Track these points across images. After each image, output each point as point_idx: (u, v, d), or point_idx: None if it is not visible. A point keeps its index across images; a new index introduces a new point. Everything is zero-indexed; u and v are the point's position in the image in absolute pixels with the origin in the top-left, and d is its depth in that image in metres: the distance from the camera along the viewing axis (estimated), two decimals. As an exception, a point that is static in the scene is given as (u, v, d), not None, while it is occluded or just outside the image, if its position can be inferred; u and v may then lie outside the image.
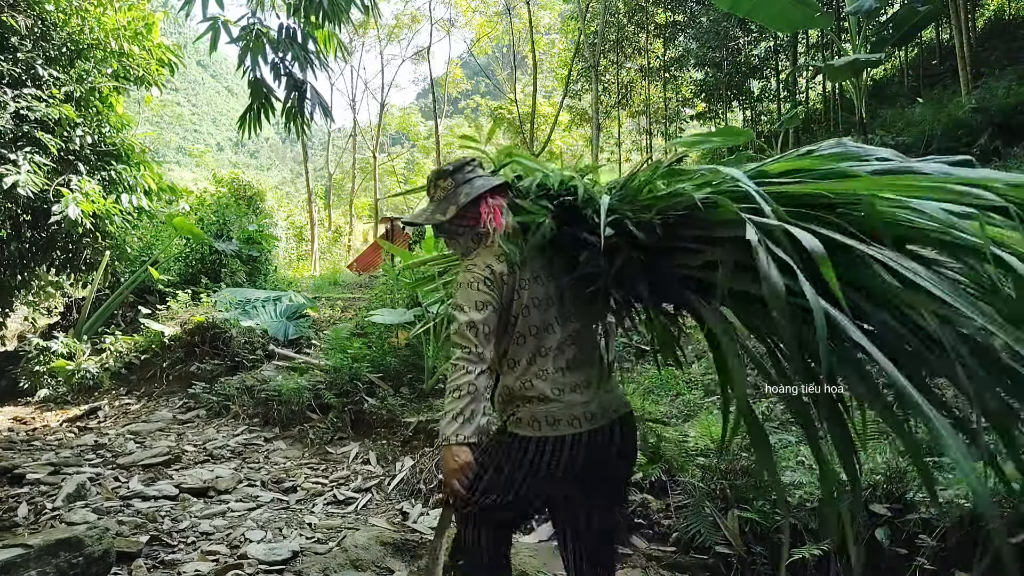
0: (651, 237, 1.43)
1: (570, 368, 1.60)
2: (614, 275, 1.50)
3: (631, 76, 20.69)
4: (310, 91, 4.27)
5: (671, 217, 1.42)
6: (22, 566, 2.14)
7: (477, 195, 1.65)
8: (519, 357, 1.60)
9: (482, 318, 1.54)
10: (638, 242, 1.44)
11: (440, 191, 1.71)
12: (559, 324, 1.61)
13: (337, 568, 2.55)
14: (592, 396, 1.59)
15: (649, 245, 1.44)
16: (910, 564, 2.19)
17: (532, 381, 1.58)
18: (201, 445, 4.58)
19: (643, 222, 1.44)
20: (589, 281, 1.55)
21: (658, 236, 1.43)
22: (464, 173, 1.70)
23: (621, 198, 1.53)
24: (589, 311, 1.66)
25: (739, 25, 16.06)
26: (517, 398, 1.60)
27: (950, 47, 13.80)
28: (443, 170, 1.74)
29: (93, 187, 7.04)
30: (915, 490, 2.37)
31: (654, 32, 19.44)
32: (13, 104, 6.57)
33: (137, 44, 7.90)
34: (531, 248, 1.59)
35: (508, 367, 1.63)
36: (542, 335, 1.60)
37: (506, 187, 1.71)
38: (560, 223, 1.57)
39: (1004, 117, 10.05)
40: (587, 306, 1.64)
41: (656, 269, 1.48)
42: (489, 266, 1.58)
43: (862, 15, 7.30)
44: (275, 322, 6.97)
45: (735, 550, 2.46)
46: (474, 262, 1.61)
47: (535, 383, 1.58)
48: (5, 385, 7.14)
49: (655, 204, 1.46)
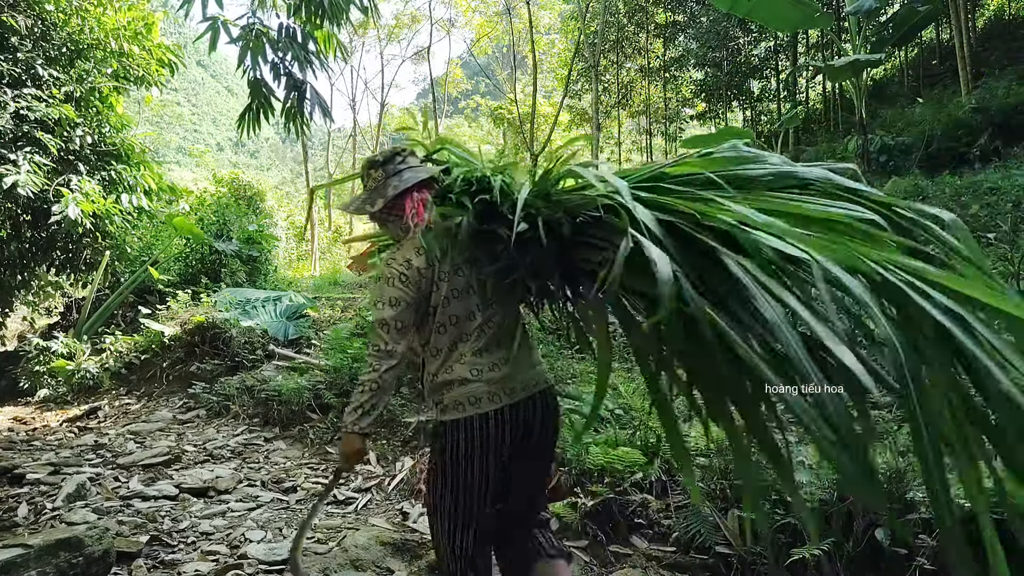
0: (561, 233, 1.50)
1: (488, 350, 1.69)
2: (528, 267, 1.57)
3: (631, 76, 20.68)
4: (310, 91, 4.27)
5: (579, 216, 1.50)
6: (22, 566, 2.14)
7: (403, 189, 1.70)
8: (440, 345, 1.69)
9: (394, 315, 1.63)
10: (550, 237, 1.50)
11: (372, 181, 1.77)
12: (479, 311, 1.69)
13: (337, 568, 2.55)
14: (511, 373, 1.69)
15: (560, 240, 1.51)
16: (910, 564, 2.19)
17: (453, 366, 1.68)
18: (201, 445, 4.58)
19: (554, 219, 1.51)
20: (507, 272, 1.62)
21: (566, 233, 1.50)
22: (394, 164, 1.75)
23: (537, 195, 1.58)
24: (508, 298, 1.73)
25: (739, 25, 16.05)
26: (441, 384, 1.69)
27: (950, 47, 13.80)
28: (374, 160, 1.79)
29: (93, 187, 7.04)
30: (915, 490, 2.37)
31: (654, 32, 19.43)
32: (13, 104, 6.57)
33: (137, 44, 7.90)
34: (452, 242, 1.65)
35: (431, 355, 1.72)
36: (462, 323, 1.68)
37: (432, 181, 1.76)
38: (480, 218, 1.63)
39: (1004, 117, 10.04)
40: (506, 294, 1.71)
41: (566, 262, 1.56)
42: (408, 261, 1.65)
43: (862, 15, 7.30)
44: (275, 322, 6.97)
45: (735, 550, 2.46)
46: (394, 256, 1.69)
47: (455, 367, 1.67)
48: (5, 385, 7.14)
49: (566, 203, 1.53)
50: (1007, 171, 8.76)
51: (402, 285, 1.64)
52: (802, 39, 16.70)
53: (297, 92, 4.23)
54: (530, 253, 1.53)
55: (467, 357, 1.67)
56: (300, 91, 4.24)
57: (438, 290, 1.66)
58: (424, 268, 1.65)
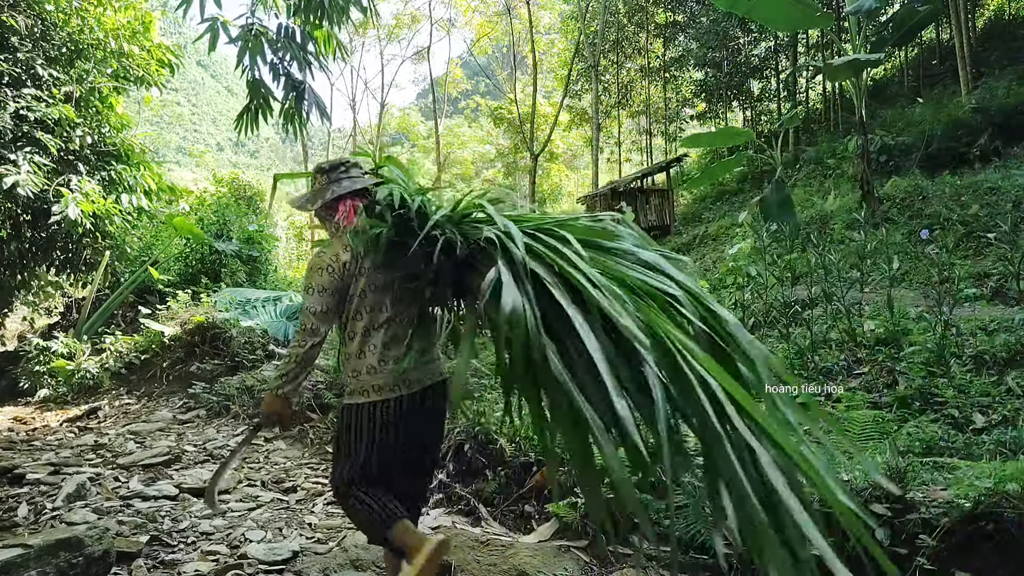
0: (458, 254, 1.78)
1: (394, 343, 1.95)
2: (431, 276, 1.85)
3: (631, 76, 20.67)
4: (308, 92, 4.27)
5: (472, 244, 1.78)
6: (22, 566, 2.14)
7: (339, 195, 1.99)
8: (355, 331, 1.96)
9: (319, 300, 1.92)
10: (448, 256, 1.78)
11: (317, 183, 2.06)
12: (390, 307, 1.95)
13: (337, 568, 2.55)
14: (411, 366, 1.95)
15: (455, 260, 1.80)
16: (910, 564, 2.19)
17: (364, 352, 1.94)
18: (201, 445, 4.58)
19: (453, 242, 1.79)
20: (412, 278, 1.91)
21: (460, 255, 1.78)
22: (337, 173, 2.03)
23: (448, 219, 1.85)
24: (414, 299, 1.99)
25: (739, 25, 16.04)
26: (353, 367, 1.96)
27: (950, 47, 13.79)
28: (321, 167, 2.08)
29: (93, 187, 7.04)
30: (915, 490, 2.37)
31: (654, 32, 19.42)
32: (13, 104, 6.57)
33: (136, 44, 7.90)
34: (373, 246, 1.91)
35: (348, 338, 1.99)
36: (375, 314, 1.95)
37: (365, 192, 2.02)
38: (397, 230, 1.88)
39: (1004, 117, 10.04)
40: (412, 295, 1.97)
41: (460, 278, 1.85)
42: (336, 255, 1.94)
43: (862, 15, 7.29)
44: (275, 322, 6.97)
45: (735, 550, 2.46)
46: (325, 249, 1.98)
47: (366, 354, 1.94)
48: (5, 385, 7.15)
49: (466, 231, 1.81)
50: (1007, 171, 8.76)
51: (328, 275, 1.92)
52: (802, 39, 16.69)
53: (295, 92, 4.23)
54: (432, 266, 1.80)
55: (377, 348, 1.94)
56: (299, 91, 4.23)
57: (357, 283, 1.93)
58: (348, 263, 1.93)
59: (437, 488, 3.44)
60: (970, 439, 2.94)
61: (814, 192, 11.69)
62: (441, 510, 3.28)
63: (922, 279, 6.04)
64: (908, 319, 4.39)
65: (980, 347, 3.80)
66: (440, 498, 3.38)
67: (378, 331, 1.94)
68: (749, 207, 9.40)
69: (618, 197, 14.78)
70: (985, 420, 3.14)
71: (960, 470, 2.49)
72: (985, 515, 2.20)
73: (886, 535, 2.25)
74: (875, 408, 3.28)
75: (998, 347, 3.73)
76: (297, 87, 4.23)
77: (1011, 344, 3.73)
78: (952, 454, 2.82)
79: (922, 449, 2.87)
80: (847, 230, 8.46)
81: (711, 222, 13.77)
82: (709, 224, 13.62)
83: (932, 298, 4.29)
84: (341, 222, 1.97)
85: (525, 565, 2.52)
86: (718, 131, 11.44)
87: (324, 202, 2.00)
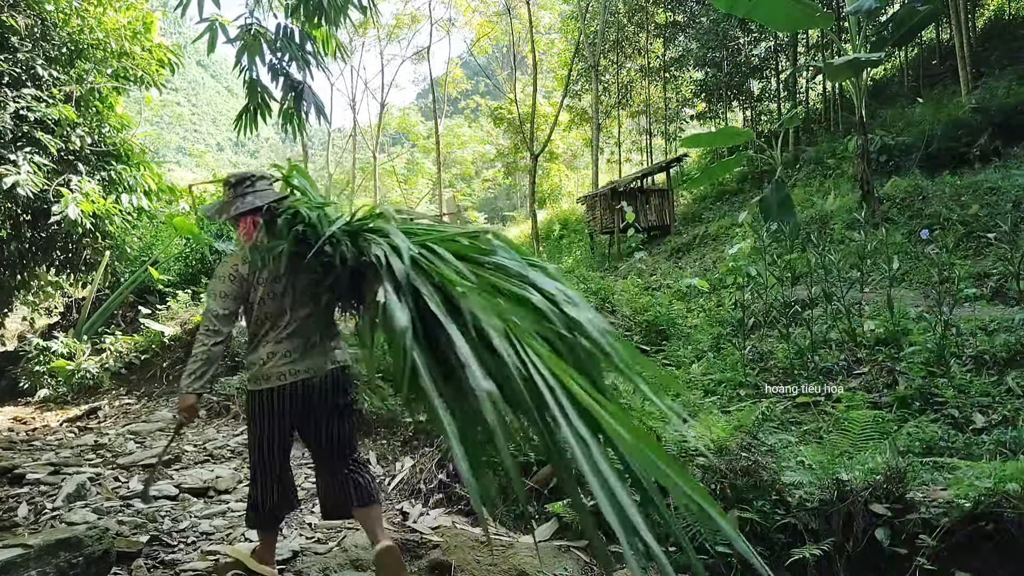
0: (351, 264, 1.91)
1: (288, 339, 2.15)
2: (328, 283, 2.02)
3: (631, 76, 20.67)
4: (307, 92, 4.26)
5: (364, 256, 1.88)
6: (22, 566, 2.13)
7: (241, 212, 2.14)
8: (256, 331, 2.19)
9: (220, 304, 2.14)
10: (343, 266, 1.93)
11: (225, 196, 2.23)
12: (289, 310, 2.15)
13: (337, 568, 2.55)
14: (299, 358, 2.14)
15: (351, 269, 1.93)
16: (910, 564, 2.19)
17: (259, 349, 2.16)
18: (201, 445, 4.58)
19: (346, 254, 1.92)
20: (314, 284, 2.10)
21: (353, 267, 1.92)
22: (242, 188, 2.18)
23: (345, 232, 1.98)
24: (313, 302, 2.17)
25: (739, 25, 16.04)
26: (251, 361, 2.18)
27: (950, 47, 13.80)
28: (228, 180, 2.23)
29: (93, 187, 7.04)
30: (915, 490, 2.37)
31: (654, 32, 19.41)
32: (13, 104, 6.57)
33: (136, 44, 7.90)
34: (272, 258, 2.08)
35: (251, 336, 2.21)
36: (275, 318, 2.15)
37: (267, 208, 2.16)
38: (296, 242, 2.03)
39: (1004, 117, 10.04)
40: (311, 298, 2.15)
41: (354, 284, 1.99)
42: (235, 266, 2.16)
43: (862, 15, 7.29)
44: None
45: (735, 550, 2.46)
46: (227, 260, 2.21)
47: (260, 349, 2.16)
48: (5, 385, 7.14)
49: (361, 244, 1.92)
50: (1007, 171, 8.77)
51: (229, 282, 2.15)
52: (802, 39, 16.69)
53: (294, 93, 4.23)
54: (330, 274, 1.97)
55: (272, 344, 2.14)
56: (297, 92, 4.23)
57: (256, 291, 2.14)
58: (247, 274, 2.14)
59: (437, 488, 3.44)
60: (970, 439, 2.94)
61: (814, 192, 11.70)
62: (441, 510, 3.28)
63: (922, 279, 6.04)
64: (908, 319, 4.39)
65: (980, 347, 3.80)
66: (440, 498, 3.38)
67: (275, 331, 2.15)
68: (749, 207, 9.41)
69: (618, 197, 14.77)
70: (985, 420, 3.14)
71: (960, 470, 2.50)
72: (985, 515, 2.20)
73: (886, 535, 2.25)
74: (875, 408, 3.28)
75: (998, 347, 3.74)
76: (296, 87, 4.22)
77: (1011, 344, 3.73)
78: (952, 454, 2.82)
79: (922, 449, 2.87)
80: (847, 230, 8.47)
81: (711, 222, 13.78)
82: (709, 224, 13.62)
83: (932, 298, 4.30)
84: (242, 238, 2.15)
85: (525, 565, 2.52)
86: (718, 131, 11.45)
87: (228, 216, 2.17)
